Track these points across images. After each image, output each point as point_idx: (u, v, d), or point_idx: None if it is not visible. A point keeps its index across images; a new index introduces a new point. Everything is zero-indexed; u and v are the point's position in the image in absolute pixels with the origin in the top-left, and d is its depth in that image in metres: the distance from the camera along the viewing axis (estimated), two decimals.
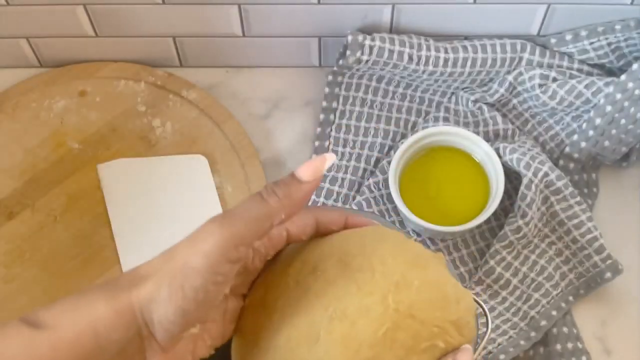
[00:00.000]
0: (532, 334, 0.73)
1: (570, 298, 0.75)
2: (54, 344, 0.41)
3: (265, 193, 0.45)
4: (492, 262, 0.75)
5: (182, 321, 0.43)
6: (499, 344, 0.73)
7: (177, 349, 0.45)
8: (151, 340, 0.44)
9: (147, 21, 0.82)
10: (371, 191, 0.79)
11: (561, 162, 0.80)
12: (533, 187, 0.74)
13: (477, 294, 0.75)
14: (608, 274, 0.74)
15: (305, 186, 0.45)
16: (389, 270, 0.46)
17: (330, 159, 0.46)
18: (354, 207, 0.78)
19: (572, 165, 0.80)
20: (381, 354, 0.44)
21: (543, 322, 0.73)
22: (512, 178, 0.80)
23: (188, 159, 0.82)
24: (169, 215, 0.79)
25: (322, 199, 0.80)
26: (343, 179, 0.81)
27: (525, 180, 0.75)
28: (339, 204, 0.80)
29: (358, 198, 0.79)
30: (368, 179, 0.80)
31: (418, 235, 0.78)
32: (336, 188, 0.81)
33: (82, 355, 0.42)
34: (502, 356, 0.72)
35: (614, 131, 0.77)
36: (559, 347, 0.73)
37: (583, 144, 0.79)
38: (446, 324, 0.46)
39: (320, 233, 0.50)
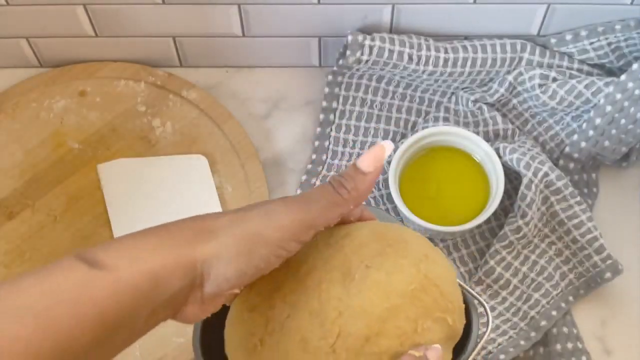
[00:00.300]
0: (532, 334, 0.73)
1: (570, 298, 0.75)
2: (114, 286, 0.42)
3: (336, 184, 0.47)
4: (492, 262, 0.75)
5: (236, 282, 0.45)
6: (499, 344, 0.73)
7: (211, 302, 0.47)
8: (198, 290, 0.45)
9: (147, 21, 0.82)
10: (371, 191, 0.79)
11: (561, 162, 0.80)
12: (533, 187, 0.74)
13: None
14: (608, 274, 0.74)
15: (369, 177, 0.48)
16: (418, 245, 0.50)
17: (389, 146, 0.48)
18: None
19: (572, 165, 0.80)
20: (406, 305, 0.46)
21: (543, 322, 0.73)
22: (512, 178, 0.80)
23: (188, 159, 0.82)
24: (169, 215, 0.78)
25: None
26: None
27: (525, 180, 0.74)
28: None
29: None
30: None
31: None
32: None
33: (139, 298, 0.43)
34: (502, 356, 0.71)
35: (614, 131, 0.77)
36: (559, 347, 0.73)
37: (583, 144, 0.79)
38: (456, 305, 0.49)
39: (341, 222, 0.52)
